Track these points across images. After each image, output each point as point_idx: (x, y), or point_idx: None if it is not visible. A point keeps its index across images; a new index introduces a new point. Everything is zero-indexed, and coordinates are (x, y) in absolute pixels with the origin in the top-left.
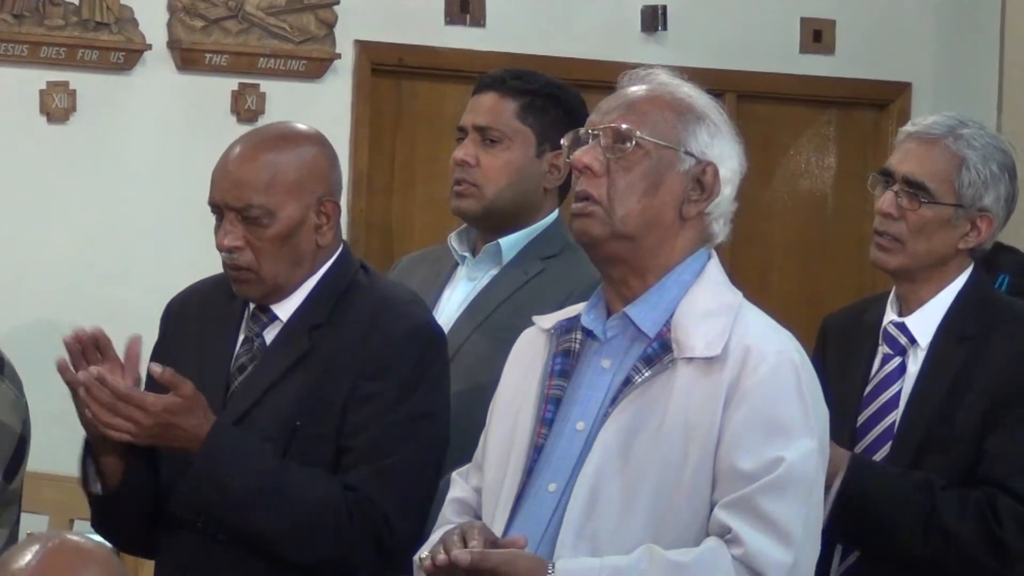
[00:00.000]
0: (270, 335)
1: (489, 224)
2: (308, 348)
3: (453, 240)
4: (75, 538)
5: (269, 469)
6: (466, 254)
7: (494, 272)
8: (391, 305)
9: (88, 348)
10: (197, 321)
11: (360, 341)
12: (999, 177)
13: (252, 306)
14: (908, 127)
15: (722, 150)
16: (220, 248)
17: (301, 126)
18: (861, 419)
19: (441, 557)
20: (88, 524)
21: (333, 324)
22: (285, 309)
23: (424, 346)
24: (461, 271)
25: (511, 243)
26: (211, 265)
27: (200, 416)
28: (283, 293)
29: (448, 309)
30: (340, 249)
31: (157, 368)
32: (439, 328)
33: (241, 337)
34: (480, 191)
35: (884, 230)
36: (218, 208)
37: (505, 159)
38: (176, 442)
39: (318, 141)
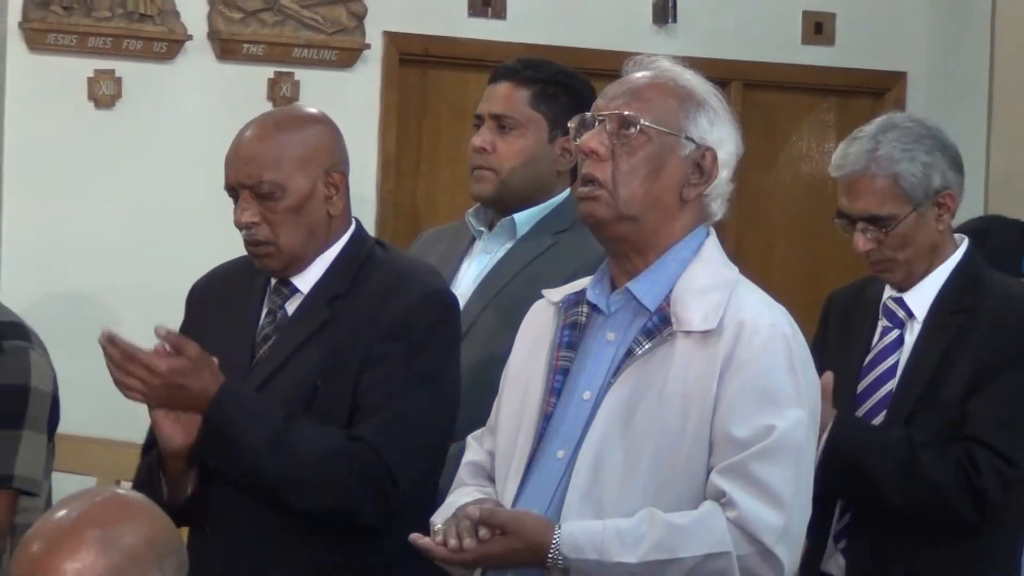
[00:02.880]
0: (292, 307)
1: (504, 205)
2: (328, 317)
3: (471, 216)
4: (126, 492)
5: (275, 423)
6: (483, 229)
7: (509, 246)
8: (407, 275)
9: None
10: (220, 300)
11: (377, 308)
12: (932, 159)
13: (274, 281)
14: (833, 171)
15: (720, 135)
16: (238, 225)
17: (306, 108)
18: (860, 387)
19: (452, 542)
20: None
21: (352, 295)
22: (305, 282)
23: (437, 311)
24: (478, 245)
25: (525, 218)
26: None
27: (207, 378)
28: (302, 264)
29: (466, 280)
30: (354, 225)
31: (161, 330)
32: (453, 296)
33: (264, 310)
34: (496, 175)
35: (874, 260)
36: (233, 190)
37: (520, 145)
38: (186, 404)
39: (321, 120)
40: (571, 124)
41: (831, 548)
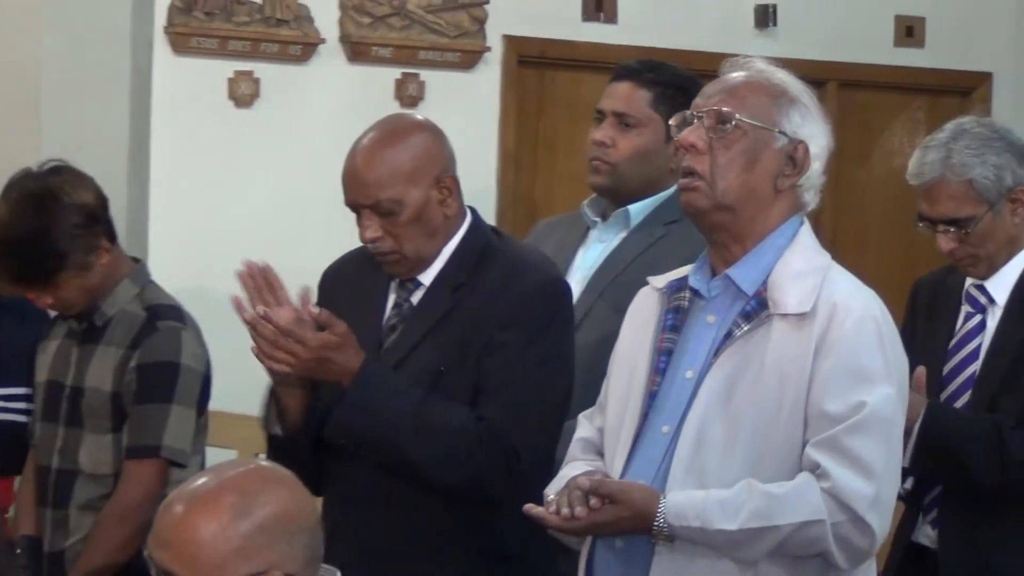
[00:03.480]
0: (416, 297)
1: (619, 197)
2: (451, 306)
3: (586, 206)
4: (272, 466)
5: (412, 400)
6: (597, 219)
7: (623, 235)
8: (523, 264)
9: (260, 286)
10: (350, 286)
11: (496, 297)
12: (1002, 160)
13: None
14: (911, 179)
15: (812, 130)
16: (363, 241)
17: (410, 117)
18: (946, 369)
19: (565, 511)
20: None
21: (472, 284)
22: (428, 275)
23: (552, 299)
24: (593, 234)
25: (638, 209)
26: None
27: (351, 353)
28: (427, 264)
29: (582, 267)
30: (470, 216)
31: (315, 309)
32: (565, 284)
33: (391, 301)
34: (614, 168)
35: (957, 258)
36: (353, 208)
37: (638, 142)
38: (330, 375)
39: (425, 127)
40: (672, 121)
41: (921, 519)
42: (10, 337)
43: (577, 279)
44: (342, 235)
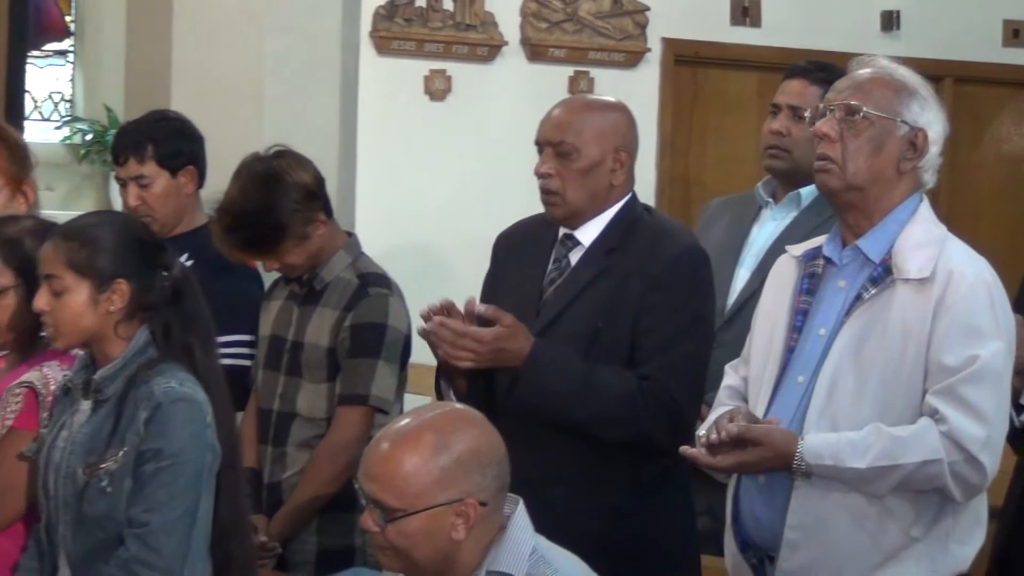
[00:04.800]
0: (574, 257)
1: (792, 180)
2: (604, 267)
3: (760, 188)
4: (464, 408)
5: (580, 372)
6: (769, 200)
7: (795, 214)
8: (667, 233)
9: (437, 312)
10: (519, 247)
11: (644, 260)
12: None
13: (561, 234)
14: None
15: (929, 118)
16: (537, 174)
17: (610, 98)
18: None
19: (714, 436)
20: None
21: (623, 249)
22: (587, 236)
23: (695, 265)
24: (766, 213)
25: (809, 191)
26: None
27: (522, 339)
28: (581, 219)
29: (757, 242)
30: (630, 195)
31: (482, 307)
32: (704, 253)
33: (552, 258)
34: (789, 155)
35: None
36: (540, 145)
37: (810, 132)
38: (506, 362)
39: (623, 109)
40: (806, 114)
41: None
42: (234, 291)
43: (752, 252)
44: (520, 212)
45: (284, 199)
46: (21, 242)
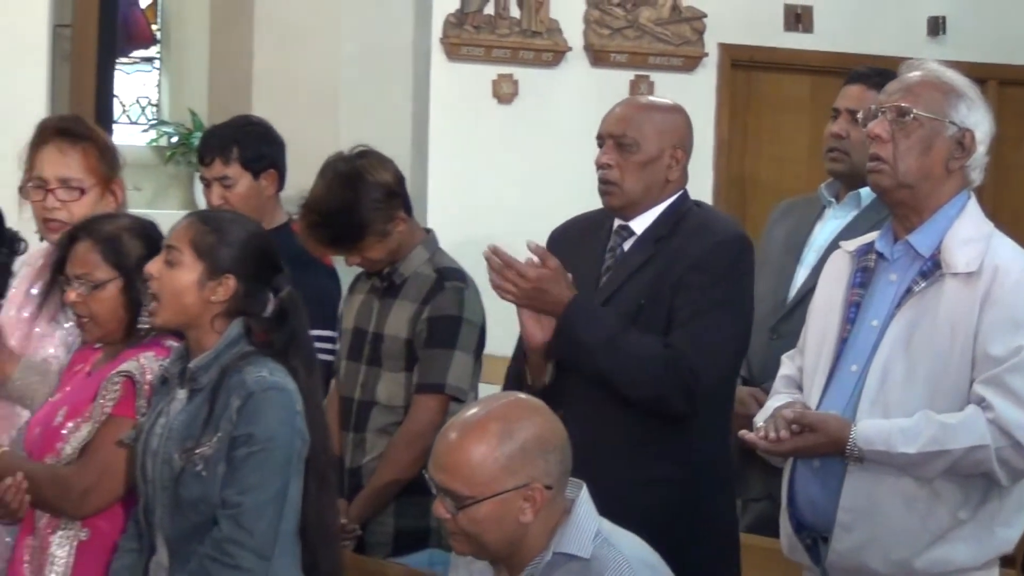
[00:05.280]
0: (627, 245)
1: (852, 180)
2: (653, 253)
3: (823, 188)
4: (526, 398)
5: (611, 328)
6: (832, 200)
7: (855, 213)
8: (713, 222)
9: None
10: (576, 239)
11: (688, 244)
12: None
13: (616, 225)
14: None
15: (976, 119)
16: (598, 164)
17: (670, 101)
18: None
19: (772, 435)
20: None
21: (671, 236)
22: (639, 226)
23: (735, 251)
24: (828, 212)
25: (868, 192)
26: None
27: (564, 287)
28: (636, 210)
29: (818, 240)
30: (682, 191)
31: (533, 243)
32: (749, 241)
33: (607, 247)
34: (848, 157)
35: None
36: (602, 138)
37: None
38: (546, 305)
39: (681, 111)
40: (859, 115)
41: None
42: (313, 288)
43: (813, 249)
44: (582, 208)
45: (366, 197)
46: (119, 238)
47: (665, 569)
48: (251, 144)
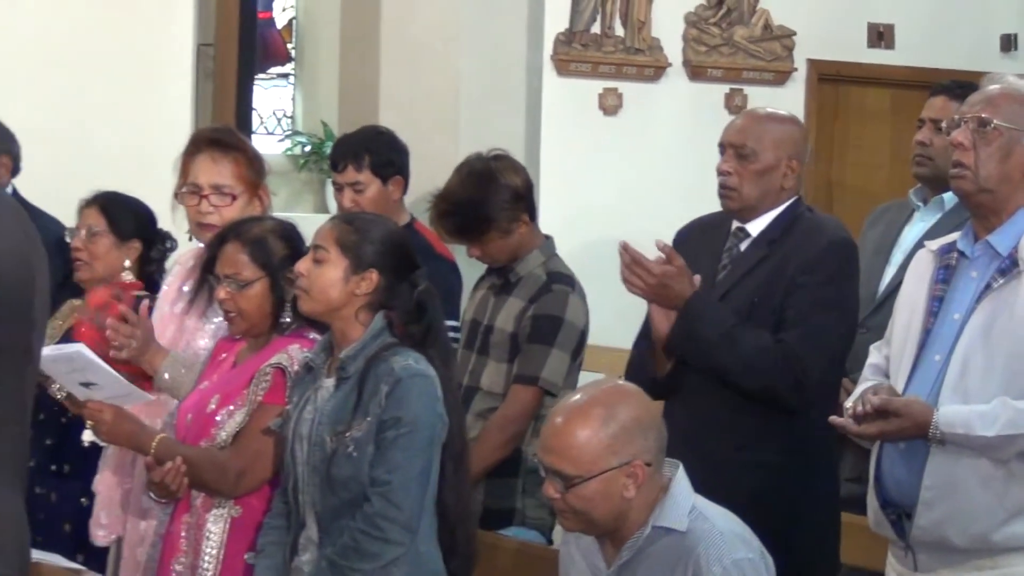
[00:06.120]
0: (743, 246)
1: (936, 184)
2: (767, 254)
3: (912, 193)
4: (623, 383)
5: (727, 324)
6: (920, 204)
7: (939, 216)
8: (822, 226)
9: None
10: (697, 239)
11: (798, 248)
12: None
13: (733, 227)
14: None
15: None
16: (718, 171)
17: (787, 112)
18: None
19: (860, 408)
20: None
21: (783, 240)
22: (755, 228)
23: (842, 255)
24: (916, 215)
25: (951, 196)
26: (707, 210)
27: (686, 284)
28: (753, 214)
29: (906, 241)
30: (796, 196)
31: (661, 242)
32: (854, 245)
33: (725, 247)
34: (932, 163)
35: None
36: (722, 146)
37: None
38: (668, 300)
39: (797, 122)
40: (944, 125)
41: None
42: (438, 281)
43: (901, 249)
44: (682, 211)
45: (495, 196)
46: (264, 240)
47: (757, 543)
48: (381, 152)
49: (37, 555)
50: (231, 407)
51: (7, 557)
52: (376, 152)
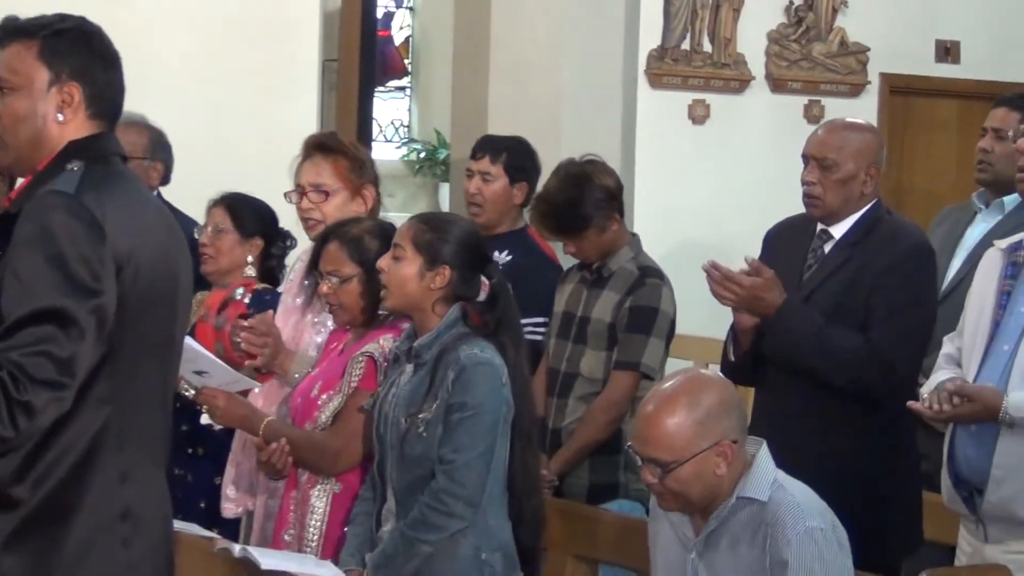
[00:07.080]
0: (827, 247)
1: (997, 188)
2: (849, 255)
3: (975, 196)
4: (707, 372)
5: (817, 326)
6: (982, 206)
7: (1000, 218)
8: (902, 229)
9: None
10: (785, 239)
11: (879, 251)
12: None
13: (818, 230)
14: None
15: None
16: (803, 182)
17: (865, 122)
18: None
19: (936, 407)
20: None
21: (865, 243)
22: (838, 231)
23: (920, 258)
24: (978, 217)
25: (1011, 199)
26: (787, 211)
27: (776, 293)
28: (835, 219)
29: (968, 240)
30: (876, 199)
31: (750, 258)
32: (931, 248)
33: (810, 248)
34: (993, 168)
35: None
36: (806, 157)
37: (1011, 149)
38: (760, 310)
39: (874, 131)
40: (1009, 134)
41: None
42: (540, 279)
43: (964, 248)
44: (767, 214)
45: (590, 196)
46: (362, 239)
47: (831, 516)
48: (518, 156)
49: (178, 525)
50: (331, 392)
51: (152, 525)
52: (514, 154)
